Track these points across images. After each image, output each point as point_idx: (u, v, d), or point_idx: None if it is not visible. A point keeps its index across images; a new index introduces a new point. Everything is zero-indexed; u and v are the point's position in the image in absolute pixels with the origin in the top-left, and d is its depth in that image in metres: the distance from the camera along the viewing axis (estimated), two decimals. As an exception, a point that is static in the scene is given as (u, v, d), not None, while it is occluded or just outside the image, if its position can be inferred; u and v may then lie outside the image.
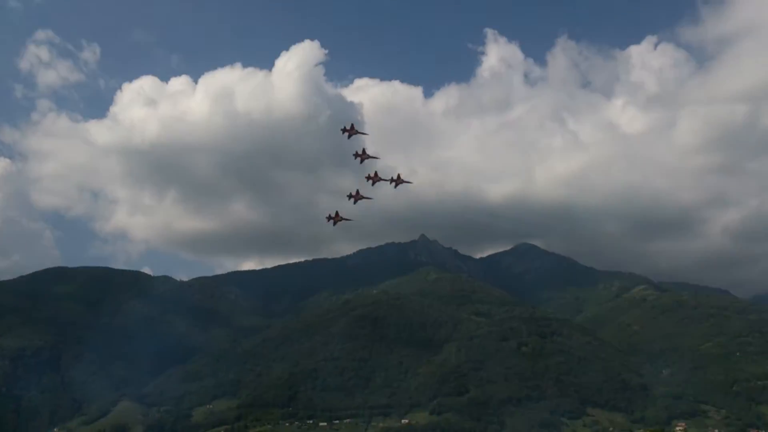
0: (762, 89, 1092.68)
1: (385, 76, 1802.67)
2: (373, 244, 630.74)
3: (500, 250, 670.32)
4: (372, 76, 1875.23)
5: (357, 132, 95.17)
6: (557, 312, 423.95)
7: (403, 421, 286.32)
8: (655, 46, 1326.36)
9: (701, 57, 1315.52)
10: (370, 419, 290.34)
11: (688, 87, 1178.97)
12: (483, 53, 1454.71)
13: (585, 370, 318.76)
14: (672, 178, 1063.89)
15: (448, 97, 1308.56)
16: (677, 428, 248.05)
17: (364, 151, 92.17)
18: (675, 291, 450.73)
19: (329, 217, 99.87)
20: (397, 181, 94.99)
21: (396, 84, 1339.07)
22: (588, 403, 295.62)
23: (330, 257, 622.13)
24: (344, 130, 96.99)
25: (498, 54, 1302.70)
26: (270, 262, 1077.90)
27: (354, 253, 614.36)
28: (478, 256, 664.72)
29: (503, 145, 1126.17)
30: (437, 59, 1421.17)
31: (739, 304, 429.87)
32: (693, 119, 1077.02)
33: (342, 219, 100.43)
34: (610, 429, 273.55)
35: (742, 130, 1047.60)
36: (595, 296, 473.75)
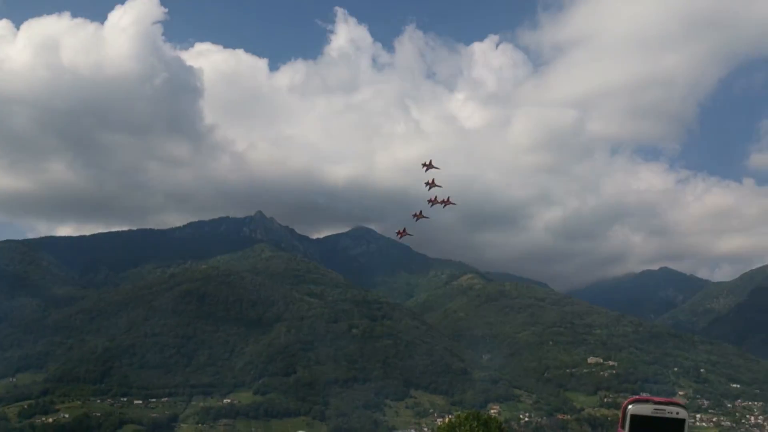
0: (589, 97, 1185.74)
1: (229, 43, 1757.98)
2: (206, 217, 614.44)
3: (338, 231, 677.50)
4: (215, 41, 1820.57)
5: (433, 167, 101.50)
6: (389, 296, 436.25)
7: (225, 400, 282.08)
8: (497, 45, 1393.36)
9: (537, 60, 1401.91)
10: (191, 398, 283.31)
11: (524, 88, 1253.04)
12: (332, 32, 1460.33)
13: (411, 354, 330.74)
14: (504, 174, 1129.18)
15: (294, 72, 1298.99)
16: (492, 410, 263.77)
17: (433, 181, 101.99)
18: (499, 281, 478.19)
19: (398, 233, 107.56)
20: (446, 202, 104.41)
21: (240, 53, 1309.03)
22: (411, 385, 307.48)
23: (156, 228, 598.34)
24: (424, 165, 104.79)
25: (347, 34, 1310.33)
26: (89, 229, 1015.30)
27: (184, 225, 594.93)
28: (315, 236, 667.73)
29: (347, 127, 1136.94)
30: (285, 32, 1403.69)
31: (555, 296, 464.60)
32: (526, 120, 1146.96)
33: (407, 234, 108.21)
34: (431, 410, 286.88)
35: (570, 134, 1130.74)
36: (426, 282, 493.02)
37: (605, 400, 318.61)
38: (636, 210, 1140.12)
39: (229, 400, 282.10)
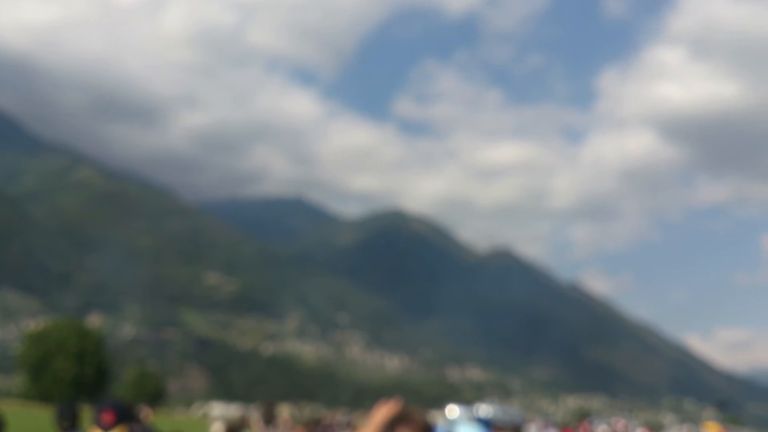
0: (253, 2, 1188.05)
1: None
2: None
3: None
4: None
5: None
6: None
7: None
8: None
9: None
10: None
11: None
12: None
13: (5, 247, 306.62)
14: (148, 64, 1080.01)
15: None
16: (93, 320, 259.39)
17: None
18: (123, 181, 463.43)
19: None
20: None
21: None
22: (2, 283, 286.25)
23: None
24: None
25: None
26: None
27: None
28: None
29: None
30: None
31: (183, 206, 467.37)
32: (182, 8, 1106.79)
33: None
34: (21, 312, 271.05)
35: (228, 36, 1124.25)
36: (36, 168, 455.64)
37: (217, 320, 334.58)
38: (282, 132, 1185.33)
39: None
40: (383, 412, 2.57)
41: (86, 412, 6.13)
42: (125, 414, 4.37)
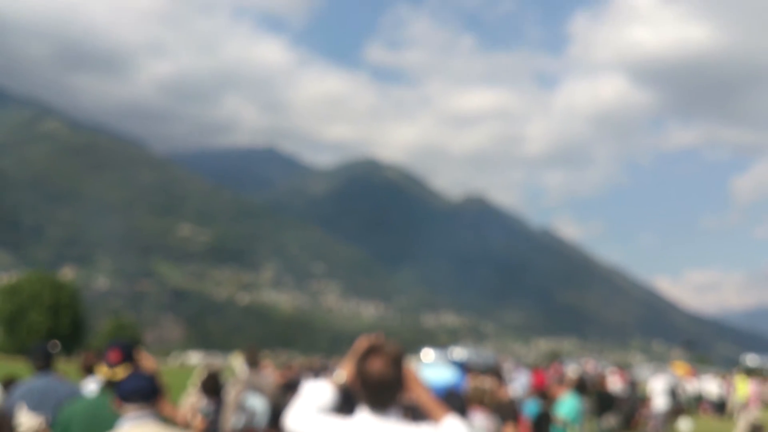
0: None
1: None
2: None
3: None
4: None
5: None
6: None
7: None
8: None
9: None
10: None
11: None
12: None
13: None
14: (113, 12, 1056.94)
15: None
16: (66, 273, 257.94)
17: None
18: (90, 133, 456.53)
19: None
20: None
21: None
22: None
23: None
24: None
25: None
26: None
27: None
28: None
29: None
30: None
31: (153, 158, 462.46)
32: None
33: None
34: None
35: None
36: (2, 121, 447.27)
37: (192, 271, 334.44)
38: (252, 81, 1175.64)
39: None
40: (358, 345, 2.72)
41: (63, 363, 6.69)
42: (130, 354, 4.88)
